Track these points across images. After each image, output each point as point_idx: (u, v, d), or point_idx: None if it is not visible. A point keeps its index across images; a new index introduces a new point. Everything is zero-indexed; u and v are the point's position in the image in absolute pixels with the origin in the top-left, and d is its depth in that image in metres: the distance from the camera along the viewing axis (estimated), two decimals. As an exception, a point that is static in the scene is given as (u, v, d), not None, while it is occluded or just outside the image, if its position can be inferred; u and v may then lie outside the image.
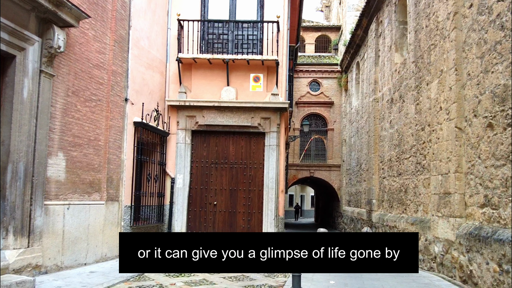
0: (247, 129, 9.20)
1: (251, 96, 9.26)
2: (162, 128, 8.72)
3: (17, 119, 4.56)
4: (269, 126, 9.14)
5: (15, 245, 4.48)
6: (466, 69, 5.60)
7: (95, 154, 6.37)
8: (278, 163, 9.16)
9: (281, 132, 9.34)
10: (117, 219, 6.98)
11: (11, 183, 4.48)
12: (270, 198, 8.89)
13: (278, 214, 9.02)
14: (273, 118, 9.14)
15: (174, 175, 8.94)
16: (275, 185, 8.97)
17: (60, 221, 5.43)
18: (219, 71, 9.15)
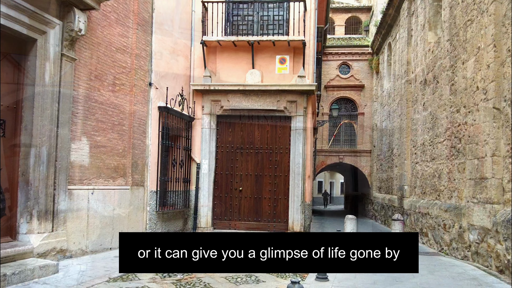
0: (273, 113, 8.97)
1: (277, 79, 8.99)
2: (187, 113, 8.68)
3: (39, 103, 4.60)
4: (295, 109, 8.86)
5: (39, 230, 4.58)
6: (506, 45, 5.17)
7: (119, 139, 6.40)
8: (305, 148, 8.89)
9: (308, 115, 9.03)
10: (142, 204, 7.05)
11: (34, 168, 4.55)
12: (296, 184, 8.68)
13: (305, 201, 8.80)
14: (299, 101, 8.84)
15: (199, 161, 8.91)
16: (302, 170, 8.72)
17: (85, 206, 5.52)
18: (244, 53, 8.94)
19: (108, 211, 5.99)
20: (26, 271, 3.92)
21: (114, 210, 6.14)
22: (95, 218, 5.72)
